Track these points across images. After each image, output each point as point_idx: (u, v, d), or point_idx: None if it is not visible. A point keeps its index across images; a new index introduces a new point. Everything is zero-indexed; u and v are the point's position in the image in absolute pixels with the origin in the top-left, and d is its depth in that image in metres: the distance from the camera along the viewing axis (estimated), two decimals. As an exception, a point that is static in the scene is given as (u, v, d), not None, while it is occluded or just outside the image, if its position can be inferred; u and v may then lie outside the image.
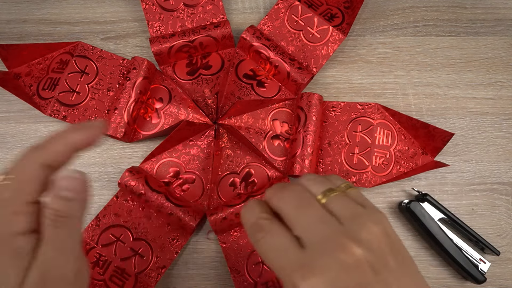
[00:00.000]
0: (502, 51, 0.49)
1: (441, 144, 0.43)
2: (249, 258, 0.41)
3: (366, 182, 0.43)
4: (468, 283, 0.42)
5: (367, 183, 0.43)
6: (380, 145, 0.44)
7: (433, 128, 0.42)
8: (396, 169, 0.44)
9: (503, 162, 0.46)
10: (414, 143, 0.45)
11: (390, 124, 0.45)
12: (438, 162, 0.43)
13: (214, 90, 0.46)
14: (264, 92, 0.46)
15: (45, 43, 0.45)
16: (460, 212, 0.44)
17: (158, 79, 0.45)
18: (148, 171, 0.43)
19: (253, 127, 0.44)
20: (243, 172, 0.44)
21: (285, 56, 0.45)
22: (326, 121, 0.45)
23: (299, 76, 0.44)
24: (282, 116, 0.45)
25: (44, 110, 0.43)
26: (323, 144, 0.44)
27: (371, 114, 0.45)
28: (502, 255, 0.43)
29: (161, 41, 0.44)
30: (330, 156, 0.44)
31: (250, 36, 0.45)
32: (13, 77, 0.45)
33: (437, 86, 0.47)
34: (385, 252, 0.21)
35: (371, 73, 0.48)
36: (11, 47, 0.44)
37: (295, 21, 0.47)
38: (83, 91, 0.44)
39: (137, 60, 0.43)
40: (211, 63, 0.47)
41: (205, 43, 0.45)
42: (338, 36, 0.46)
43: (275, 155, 0.44)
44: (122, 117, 0.42)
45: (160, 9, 0.46)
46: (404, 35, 0.49)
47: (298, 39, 0.46)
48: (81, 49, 0.46)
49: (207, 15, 0.46)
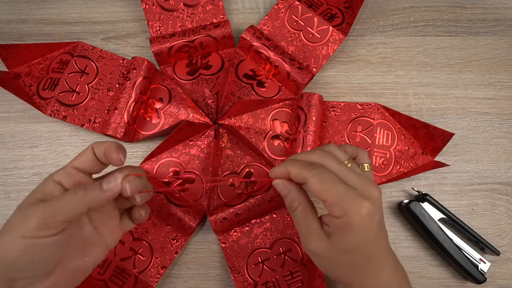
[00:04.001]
0: (502, 51, 0.49)
1: (441, 144, 0.43)
2: (249, 258, 0.41)
3: None
4: (468, 283, 0.42)
5: None
6: (380, 145, 0.44)
7: (433, 128, 0.42)
8: (396, 169, 0.44)
9: (503, 162, 0.46)
10: (414, 143, 0.45)
11: (390, 124, 0.45)
12: (438, 162, 0.43)
13: (214, 90, 0.46)
14: (264, 92, 0.46)
15: (45, 43, 0.45)
16: (460, 212, 0.44)
17: (158, 79, 0.45)
18: (148, 171, 0.43)
19: (253, 127, 0.44)
20: (243, 172, 0.44)
21: (285, 56, 0.45)
22: (326, 121, 0.45)
23: (299, 76, 0.44)
24: (282, 116, 0.45)
25: (44, 110, 0.43)
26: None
27: (371, 114, 0.45)
28: (502, 255, 0.43)
29: (161, 41, 0.44)
30: None
31: (250, 36, 0.45)
32: (13, 77, 0.45)
33: (437, 86, 0.47)
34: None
35: (371, 73, 0.48)
36: (11, 47, 0.44)
37: (295, 21, 0.47)
38: (83, 91, 0.44)
39: (137, 60, 0.43)
40: (211, 63, 0.47)
41: (205, 43, 0.45)
42: (338, 36, 0.46)
43: (275, 155, 0.44)
44: (122, 117, 0.42)
45: (160, 9, 0.46)
46: (404, 35, 0.49)
47: (298, 39, 0.46)
48: (81, 49, 0.46)
49: (207, 15, 0.46)
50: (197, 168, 0.44)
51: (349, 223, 0.28)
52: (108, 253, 0.40)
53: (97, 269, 0.40)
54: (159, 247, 0.41)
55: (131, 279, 0.40)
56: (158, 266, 0.41)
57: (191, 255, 0.43)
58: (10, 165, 0.45)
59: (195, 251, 0.43)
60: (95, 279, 0.40)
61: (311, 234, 0.31)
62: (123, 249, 0.41)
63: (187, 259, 0.43)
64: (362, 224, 0.28)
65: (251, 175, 0.44)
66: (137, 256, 0.41)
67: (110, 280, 0.40)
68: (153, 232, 0.42)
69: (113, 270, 0.40)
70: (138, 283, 0.40)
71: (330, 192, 0.28)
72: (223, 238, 0.42)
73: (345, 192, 0.29)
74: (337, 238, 0.29)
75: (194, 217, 0.41)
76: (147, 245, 0.41)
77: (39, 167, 0.45)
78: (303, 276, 0.41)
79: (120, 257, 0.41)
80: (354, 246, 0.29)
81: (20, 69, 0.45)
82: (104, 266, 0.40)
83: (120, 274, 0.40)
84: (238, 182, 0.43)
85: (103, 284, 0.40)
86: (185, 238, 0.42)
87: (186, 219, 0.40)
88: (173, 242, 0.41)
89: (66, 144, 0.45)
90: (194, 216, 0.41)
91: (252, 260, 0.41)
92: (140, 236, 0.41)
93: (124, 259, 0.41)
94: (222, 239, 0.42)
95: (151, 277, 0.40)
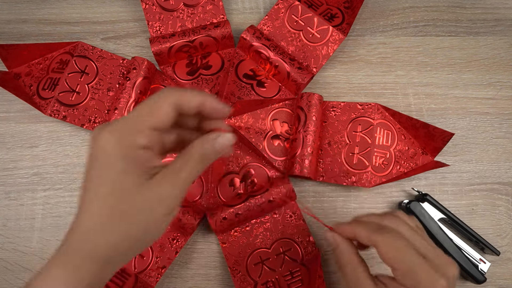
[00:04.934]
0: (502, 51, 0.49)
1: (441, 144, 0.43)
2: (249, 258, 0.41)
3: (366, 182, 0.43)
4: (468, 283, 0.42)
5: (367, 183, 0.42)
6: (380, 145, 0.44)
7: (433, 128, 0.42)
8: (396, 169, 0.44)
9: (503, 162, 0.45)
10: (414, 143, 0.45)
11: (390, 124, 0.45)
12: (438, 162, 0.43)
13: (214, 90, 0.46)
14: (264, 92, 0.46)
15: (45, 43, 0.45)
16: (460, 212, 0.44)
17: (158, 79, 0.45)
18: None
19: (253, 127, 0.44)
20: (243, 172, 0.44)
21: (285, 56, 0.45)
22: (326, 121, 0.45)
23: (299, 76, 0.44)
24: (282, 116, 0.45)
25: (44, 110, 0.43)
26: (323, 144, 0.44)
27: (371, 114, 0.45)
28: (502, 255, 0.43)
29: (161, 41, 0.44)
30: (330, 156, 0.44)
31: (250, 36, 0.45)
32: (13, 77, 0.45)
33: (437, 86, 0.47)
34: None
35: (371, 73, 0.48)
36: (11, 47, 0.44)
37: (295, 21, 0.47)
38: (83, 91, 0.44)
39: (137, 60, 0.43)
40: (211, 63, 0.47)
41: (205, 43, 0.45)
42: (338, 36, 0.46)
43: (275, 155, 0.44)
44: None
45: (160, 9, 0.46)
46: (404, 35, 0.49)
47: (298, 39, 0.46)
48: (81, 49, 0.46)
49: (207, 15, 0.46)
50: (197, 168, 0.44)
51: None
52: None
53: None
54: (159, 247, 0.41)
55: (131, 279, 0.40)
56: (158, 266, 0.41)
57: (191, 255, 0.43)
58: (10, 165, 0.45)
59: (195, 251, 0.43)
60: None
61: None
62: None
63: (187, 259, 0.43)
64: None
65: (251, 175, 0.44)
66: (137, 256, 0.41)
67: (109, 280, 0.40)
68: None
69: None
70: (138, 283, 0.40)
71: (403, 260, 0.27)
72: (223, 238, 0.42)
73: (419, 263, 0.27)
74: None
75: (194, 217, 0.41)
76: None
77: (39, 167, 0.45)
78: (303, 276, 0.41)
79: None
80: None
81: (20, 69, 0.45)
82: None
83: (120, 274, 0.40)
84: (238, 182, 0.43)
85: None
86: (185, 238, 0.42)
87: (186, 219, 0.40)
88: (173, 242, 0.41)
89: (66, 144, 0.45)
90: (194, 216, 0.41)
91: (252, 260, 0.41)
92: None
93: None
94: (222, 239, 0.42)
95: (151, 277, 0.40)
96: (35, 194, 0.44)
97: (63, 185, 0.44)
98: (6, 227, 0.43)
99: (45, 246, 0.43)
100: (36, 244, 0.43)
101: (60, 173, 0.44)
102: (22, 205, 0.44)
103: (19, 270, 0.42)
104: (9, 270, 0.42)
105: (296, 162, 0.41)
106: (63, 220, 0.43)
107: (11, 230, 0.43)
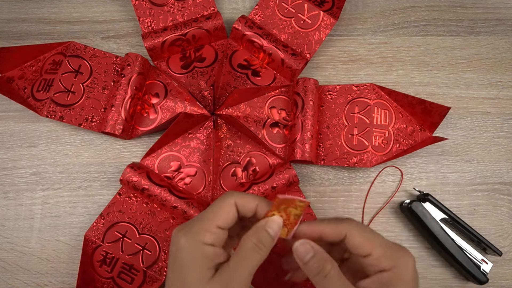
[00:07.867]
0: (503, 51, 0.48)
1: (438, 118, 0.43)
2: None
3: (367, 162, 0.42)
4: (470, 284, 0.42)
5: (369, 163, 0.42)
6: (379, 124, 0.44)
7: (430, 104, 0.42)
8: (396, 147, 0.43)
9: (505, 162, 0.45)
10: (411, 120, 0.45)
11: (386, 103, 0.45)
12: (436, 137, 0.43)
13: (210, 82, 0.46)
14: (260, 81, 0.46)
15: (36, 45, 0.45)
16: (462, 212, 0.44)
17: (153, 74, 0.45)
18: (149, 167, 0.43)
19: (251, 116, 0.44)
20: (244, 161, 0.44)
21: (278, 43, 0.45)
22: (323, 105, 0.45)
23: (293, 62, 0.44)
24: (279, 103, 0.45)
25: (40, 112, 0.43)
26: (322, 128, 0.44)
27: (367, 95, 0.45)
28: (504, 256, 0.43)
29: (154, 36, 0.44)
30: (330, 139, 0.44)
31: (242, 26, 0.45)
32: (6, 81, 0.45)
33: (438, 85, 0.47)
34: None
35: (372, 72, 0.48)
36: (1, 51, 0.43)
37: (285, 9, 0.47)
38: (78, 90, 0.44)
39: (130, 56, 0.43)
40: (205, 56, 0.47)
41: (198, 35, 0.45)
42: (329, 20, 0.46)
43: (275, 142, 0.44)
44: (119, 114, 0.42)
45: (150, 4, 0.46)
46: (405, 35, 0.49)
47: (290, 26, 0.46)
48: (73, 48, 0.45)
49: (198, 8, 0.46)
50: (198, 160, 0.44)
51: (401, 274, 0.27)
52: (115, 250, 0.40)
53: (104, 267, 0.40)
54: (166, 241, 0.41)
55: (140, 275, 0.40)
56: (165, 260, 0.41)
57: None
58: (9, 165, 0.44)
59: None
60: (103, 277, 0.40)
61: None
62: (130, 245, 0.41)
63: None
64: (414, 277, 0.27)
65: (252, 164, 0.44)
66: (144, 251, 0.41)
67: (118, 277, 0.40)
68: (158, 227, 0.41)
69: (120, 267, 0.40)
70: (147, 278, 0.40)
71: (374, 243, 0.27)
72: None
73: (388, 243, 0.28)
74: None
75: (198, 208, 0.40)
76: (153, 239, 0.41)
77: (38, 167, 0.44)
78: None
79: (127, 253, 0.41)
80: None
81: (12, 73, 0.45)
82: (112, 263, 0.40)
83: (128, 270, 0.40)
84: (240, 171, 0.43)
85: (112, 282, 0.40)
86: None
87: (190, 211, 0.40)
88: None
89: (65, 144, 0.45)
90: (198, 207, 0.41)
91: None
92: (146, 231, 0.41)
93: (131, 255, 0.41)
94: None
95: (159, 271, 0.40)
96: (34, 194, 0.44)
97: (62, 184, 0.44)
98: (5, 227, 0.43)
99: (44, 246, 0.42)
100: (35, 244, 0.43)
101: (59, 173, 0.44)
102: (21, 205, 0.43)
103: (17, 270, 0.42)
104: (7, 270, 0.42)
105: (297, 147, 0.41)
106: (62, 220, 0.43)
107: (9, 230, 0.43)
